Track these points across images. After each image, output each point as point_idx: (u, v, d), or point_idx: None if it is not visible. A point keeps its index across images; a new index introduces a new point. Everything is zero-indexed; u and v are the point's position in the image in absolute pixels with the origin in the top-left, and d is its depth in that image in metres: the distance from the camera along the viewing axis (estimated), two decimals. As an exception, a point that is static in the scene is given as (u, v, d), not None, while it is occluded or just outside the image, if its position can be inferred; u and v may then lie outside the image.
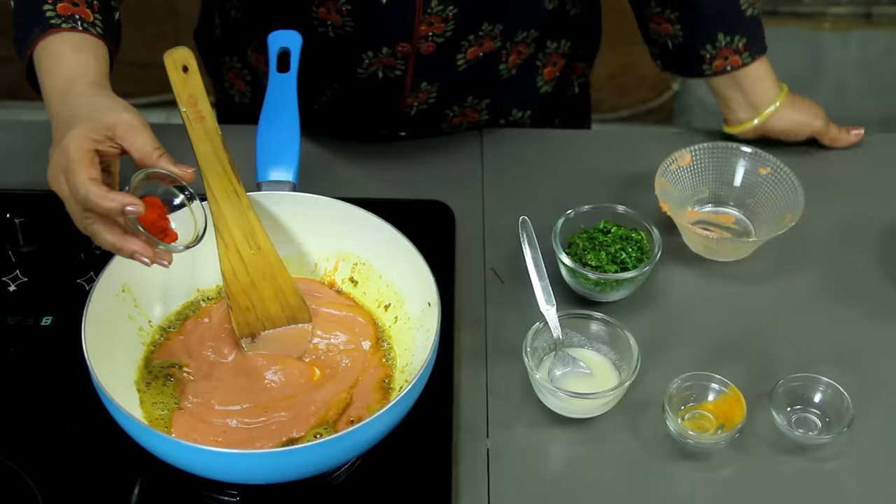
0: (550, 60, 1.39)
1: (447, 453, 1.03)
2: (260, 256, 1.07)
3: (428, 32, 1.23)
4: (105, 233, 0.96)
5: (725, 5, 1.27)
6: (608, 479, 1.04)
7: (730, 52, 1.28)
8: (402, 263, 1.08)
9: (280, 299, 1.08)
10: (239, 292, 1.07)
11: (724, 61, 1.29)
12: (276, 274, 1.08)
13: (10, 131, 1.41)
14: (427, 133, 1.38)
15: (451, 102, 1.35)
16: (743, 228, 1.27)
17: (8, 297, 1.15)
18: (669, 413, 1.04)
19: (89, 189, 0.94)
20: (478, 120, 1.39)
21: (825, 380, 1.08)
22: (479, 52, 1.29)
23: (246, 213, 1.06)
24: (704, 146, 1.27)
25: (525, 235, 1.14)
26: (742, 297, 1.20)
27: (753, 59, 1.29)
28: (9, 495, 0.98)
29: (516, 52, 1.33)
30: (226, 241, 1.06)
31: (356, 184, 1.31)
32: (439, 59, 1.27)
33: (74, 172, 0.95)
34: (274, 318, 1.08)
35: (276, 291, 1.08)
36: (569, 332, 1.11)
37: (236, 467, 0.93)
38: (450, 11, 1.21)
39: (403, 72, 1.28)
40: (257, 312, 1.08)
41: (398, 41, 1.24)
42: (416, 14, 1.20)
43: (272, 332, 1.08)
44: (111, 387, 0.95)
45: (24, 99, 2.87)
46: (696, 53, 1.30)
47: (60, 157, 0.97)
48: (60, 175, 0.97)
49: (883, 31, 2.70)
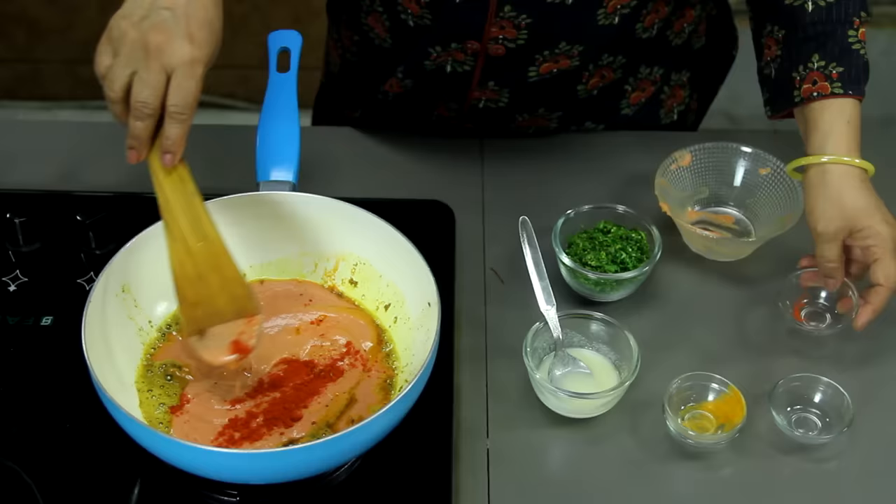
0: (640, 86, 1.36)
1: (447, 453, 1.03)
2: (206, 247, 1.00)
3: (498, 35, 1.21)
4: (135, 126, 0.96)
5: (829, 28, 1.12)
6: (608, 479, 1.04)
7: (820, 76, 1.11)
8: (402, 263, 1.08)
9: (227, 291, 1.01)
10: (186, 286, 1.00)
11: (812, 86, 1.10)
12: (222, 265, 1.01)
13: (10, 131, 1.41)
14: (494, 129, 1.37)
15: (522, 109, 1.34)
16: (743, 228, 1.27)
17: (8, 297, 1.15)
18: (669, 413, 1.04)
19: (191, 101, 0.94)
20: (547, 126, 1.38)
21: (825, 380, 1.08)
22: (553, 68, 1.26)
23: (191, 200, 1.00)
24: (704, 146, 1.27)
25: (525, 235, 1.14)
26: (742, 297, 1.20)
27: (845, 94, 1.10)
28: (9, 495, 0.98)
29: (599, 75, 1.30)
30: (173, 232, 1.00)
31: (356, 184, 1.31)
32: (509, 63, 1.25)
33: (195, 76, 0.95)
34: (222, 311, 1.01)
35: (222, 283, 1.01)
36: (569, 332, 1.10)
37: (236, 467, 0.93)
38: (522, 20, 1.19)
39: (472, 68, 1.27)
40: (205, 307, 1.01)
41: (468, 38, 1.23)
42: (489, 15, 1.19)
43: (221, 328, 1.01)
44: (111, 387, 0.95)
45: (25, 99, 2.87)
46: (789, 76, 1.13)
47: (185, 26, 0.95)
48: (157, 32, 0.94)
49: (883, 31, 2.70)
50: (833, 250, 1.09)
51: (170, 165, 0.99)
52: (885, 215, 1.08)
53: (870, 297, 1.08)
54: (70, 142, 1.36)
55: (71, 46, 2.76)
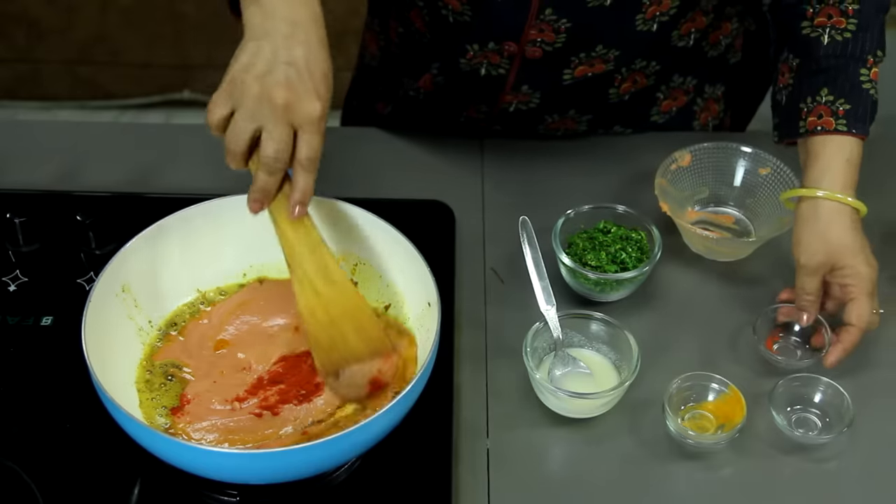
0: (672, 94, 1.36)
1: (447, 453, 1.03)
2: (336, 291, 1.02)
3: (537, 38, 1.20)
4: (265, 180, 0.98)
5: (842, 63, 1.11)
6: (608, 479, 1.04)
7: (826, 110, 1.11)
8: (402, 263, 1.08)
9: (361, 334, 1.02)
10: (319, 331, 1.01)
11: (818, 119, 1.11)
12: (354, 308, 1.02)
13: (10, 131, 1.41)
14: (523, 132, 1.37)
15: (552, 111, 1.34)
16: (743, 228, 1.27)
17: (8, 297, 1.15)
18: (669, 413, 1.04)
19: (314, 159, 0.97)
20: (576, 128, 1.38)
21: (825, 380, 1.08)
22: (588, 72, 1.26)
23: (317, 248, 1.02)
24: (704, 146, 1.27)
25: (525, 235, 1.14)
26: (742, 297, 1.20)
27: (848, 132, 1.10)
28: (9, 495, 0.98)
29: (632, 80, 1.30)
30: (300, 278, 1.01)
31: (356, 184, 1.31)
32: (544, 66, 1.25)
33: (321, 130, 0.97)
34: (357, 353, 1.01)
35: (356, 327, 1.02)
36: (569, 332, 1.11)
37: (236, 467, 0.93)
38: (562, 24, 1.18)
39: (507, 71, 1.26)
40: (340, 350, 1.01)
41: (506, 39, 1.22)
42: (529, 17, 1.18)
43: (356, 368, 1.01)
44: (111, 387, 0.95)
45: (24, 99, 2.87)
46: (797, 106, 1.13)
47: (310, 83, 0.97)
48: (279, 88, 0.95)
49: (883, 31, 2.70)
50: (812, 283, 1.10)
51: (299, 217, 1.01)
52: (868, 257, 1.10)
53: (842, 336, 1.10)
54: (70, 142, 1.36)
55: (71, 46, 2.76)
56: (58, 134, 1.41)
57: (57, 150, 1.35)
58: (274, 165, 0.98)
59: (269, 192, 1.00)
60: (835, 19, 1.12)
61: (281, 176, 0.99)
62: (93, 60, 2.77)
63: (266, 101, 0.96)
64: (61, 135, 1.40)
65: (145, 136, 1.39)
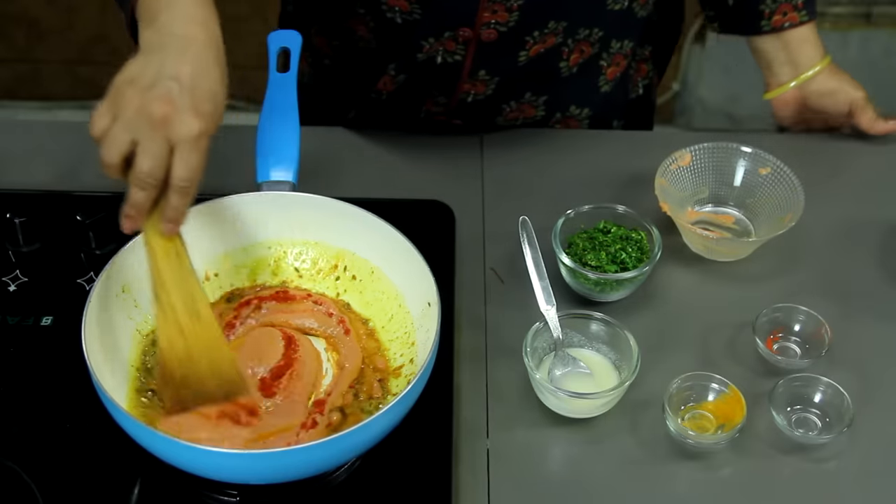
0: (614, 60, 1.38)
1: (447, 453, 1.03)
2: (200, 327, 0.97)
3: (491, 20, 1.22)
4: (137, 196, 0.94)
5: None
6: (608, 479, 1.04)
7: (789, 7, 1.31)
8: (402, 263, 1.08)
9: (217, 373, 0.98)
10: (175, 366, 0.97)
11: (783, 17, 1.32)
12: (214, 346, 0.98)
13: (10, 131, 1.41)
14: (482, 125, 1.38)
15: (509, 97, 1.35)
16: (743, 228, 1.27)
17: (8, 297, 1.15)
18: (669, 413, 1.04)
19: (196, 170, 0.94)
20: (534, 115, 1.39)
21: (825, 380, 1.08)
22: (541, 49, 1.28)
23: (186, 277, 0.98)
24: (704, 146, 1.27)
25: (525, 235, 1.14)
26: (742, 297, 1.20)
27: (810, 19, 1.33)
28: (9, 495, 0.98)
29: (578, 50, 1.32)
30: (164, 308, 0.97)
31: (356, 184, 1.31)
32: (500, 49, 1.26)
33: (200, 149, 0.94)
34: (211, 393, 0.98)
35: (212, 366, 0.97)
36: (569, 332, 1.10)
37: (236, 467, 0.93)
38: (514, 2, 1.20)
39: (463, 57, 1.27)
40: (193, 388, 0.97)
41: (460, 26, 1.23)
42: (481, 0, 1.20)
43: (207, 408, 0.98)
44: (111, 387, 0.95)
45: (24, 99, 2.87)
46: (755, 9, 1.33)
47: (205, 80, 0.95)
48: (172, 82, 0.93)
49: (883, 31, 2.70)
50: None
51: (170, 234, 0.97)
52: (856, 88, 1.37)
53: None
54: (70, 142, 1.36)
55: (71, 46, 2.76)
56: (58, 134, 1.40)
57: (57, 150, 1.35)
58: (146, 181, 0.93)
59: (141, 209, 0.95)
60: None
61: (154, 193, 0.94)
62: (93, 60, 2.77)
63: (144, 114, 0.93)
64: (61, 135, 1.39)
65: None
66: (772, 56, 1.37)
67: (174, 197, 0.95)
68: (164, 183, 0.95)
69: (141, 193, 0.94)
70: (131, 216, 0.96)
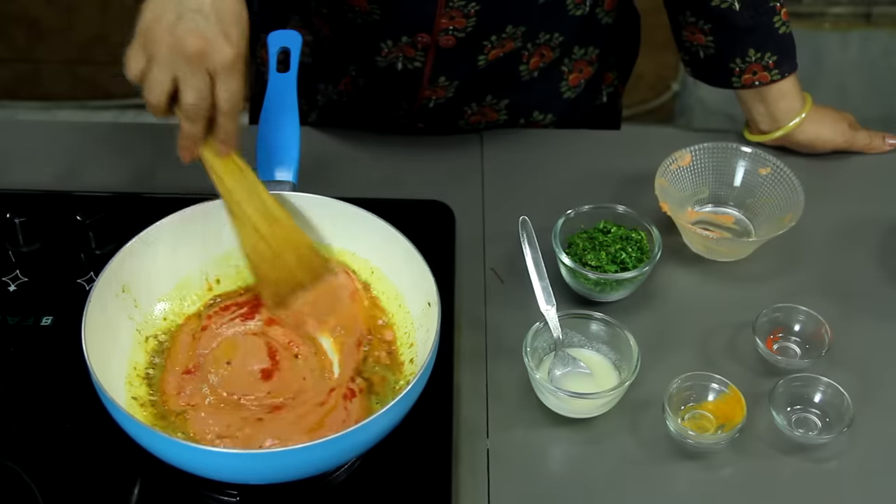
0: (577, 67, 1.38)
1: (447, 453, 1.03)
2: (278, 228, 1.06)
3: (448, 26, 1.22)
4: (189, 129, 0.98)
5: (758, 21, 1.26)
6: (608, 479, 1.04)
7: (759, 67, 1.28)
8: (402, 263, 1.08)
9: (304, 264, 1.07)
10: (267, 268, 1.06)
11: (753, 76, 1.29)
12: (295, 241, 1.07)
13: (10, 131, 1.41)
14: (444, 128, 1.38)
15: (470, 100, 1.35)
16: (743, 228, 1.27)
17: (8, 297, 1.15)
18: (669, 413, 1.04)
19: (237, 104, 0.96)
20: (496, 119, 1.39)
21: (825, 380, 1.08)
22: (500, 53, 1.29)
23: (254, 187, 1.05)
24: (704, 146, 1.27)
25: (525, 235, 1.14)
26: (742, 297, 1.20)
27: (782, 77, 1.29)
28: (9, 495, 0.98)
29: (538, 54, 1.32)
30: (242, 220, 1.05)
31: (356, 184, 1.31)
32: (459, 54, 1.27)
33: (238, 72, 0.96)
34: (302, 282, 1.08)
35: (298, 258, 1.07)
36: (569, 332, 1.11)
37: (236, 467, 0.93)
38: (472, 8, 1.21)
39: (423, 63, 1.28)
40: (286, 282, 1.07)
41: (418, 31, 1.24)
42: (439, 6, 1.20)
43: (305, 296, 1.08)
44: (111, 387, 0.95)
45: (24, 99, 2.87)
46: (726, 66, 1.30)
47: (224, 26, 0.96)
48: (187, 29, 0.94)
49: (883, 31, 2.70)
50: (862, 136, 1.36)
51: (227, 153, 1.01)
52: (840, 134, 1.36)
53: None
54: (70, 142, 1.36)
55: (71, 46, 2.76)
56: (58, 134, 1.41)
57: (57, 150, 1.35)
58: (195, 113, 0.97)
59: (195, 139, 1.00)
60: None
61: (205, 123, 0.99)
62: (93, 60, 2.77)
63: (178, 51, 0.95)
64: (61, 135, 1.40)
65: (145, 136, 1.39)
66: (750, 106, 1.34)
67: (223, 120, 0.99)
68: (211, 109, 0.98)
69: (192, 125, 0.98)
70: (187, 146, 1.00)
